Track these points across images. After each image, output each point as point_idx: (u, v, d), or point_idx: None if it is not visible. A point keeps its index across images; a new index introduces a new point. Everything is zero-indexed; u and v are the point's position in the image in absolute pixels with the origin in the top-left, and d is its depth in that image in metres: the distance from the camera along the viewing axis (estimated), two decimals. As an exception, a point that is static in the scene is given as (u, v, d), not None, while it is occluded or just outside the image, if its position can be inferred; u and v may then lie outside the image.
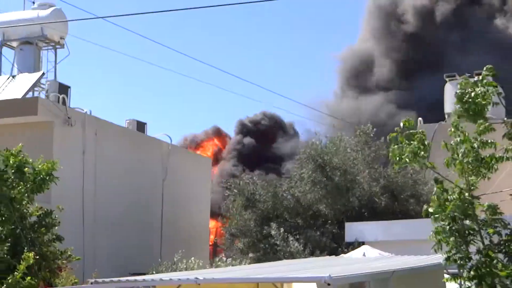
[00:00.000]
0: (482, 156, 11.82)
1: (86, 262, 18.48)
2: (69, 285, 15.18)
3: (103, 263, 20.14)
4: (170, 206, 24.95)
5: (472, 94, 12.02)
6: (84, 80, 67.97)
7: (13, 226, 14.92)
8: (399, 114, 41.32)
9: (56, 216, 15.73)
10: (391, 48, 58.53)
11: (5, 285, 13.43)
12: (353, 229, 20.29)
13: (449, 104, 24.51)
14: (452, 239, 11.94)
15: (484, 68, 12.42)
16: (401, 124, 12.02)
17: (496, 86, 12.92)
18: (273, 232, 21.12)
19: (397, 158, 12.24)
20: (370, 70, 58.53)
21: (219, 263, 21.93)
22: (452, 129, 11.80)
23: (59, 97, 22.13)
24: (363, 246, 18.60)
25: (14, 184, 15.36)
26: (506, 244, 11.94)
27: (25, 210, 15.49)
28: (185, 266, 19.38)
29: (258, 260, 20.73)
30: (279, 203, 22.75)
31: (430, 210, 11.82)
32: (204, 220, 28.65)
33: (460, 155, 11.74)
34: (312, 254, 20.18)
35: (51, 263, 15.42)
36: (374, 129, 23.84)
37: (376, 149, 22.53)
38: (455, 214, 11.96)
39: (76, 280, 16.12)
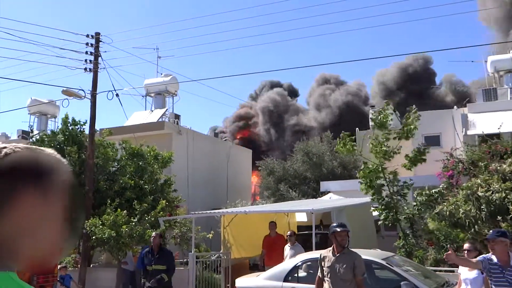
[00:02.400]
0: (386, 148, 14.21)
1: (188, 203, 20.32)
2: (182, 215, 17.07)
3: (197, 204, 21.91)
4: (231, 175, 28.20)
5: (379, 117, 14.43)
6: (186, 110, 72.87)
7: (152, 185, 17.51)
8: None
9: (173, 180, 18.50)
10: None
11: (151, 216, 14.84)
12: (324, 185, 22.38)
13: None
14: (371, 190, 14.60)
15: (385, 102, 15.48)
16: (342, 133, 14.91)
17: (393, 112, 15.31)
18: (282, 188, 24.14)
19: (341, 150, 14.87)
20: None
21: (256, 203, 25.23)
22: (373, 135, 14.56)
23: (175, 120, 27.10)
24: (329, 193, 20.49)
25: (152, 163, 18.12)
26: (400, 191, 14.15)
27: (157, 177, 17.95)
28: (239, 205, 21.93)
29: (275, 201, 23.14)
30: (286, 173, 25.74)
31: (360, 174, 14.49)
32: (248, 181, 31.59)
33: (375, 147, 14.24)
34: (303, 197, 22.91)
35: (172, 203, 17.70)
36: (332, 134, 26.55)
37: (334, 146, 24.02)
38: (372, 177, 14.23)
39: (184, 211, 18.12)
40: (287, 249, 11.87)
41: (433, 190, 13.85)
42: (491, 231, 6.15)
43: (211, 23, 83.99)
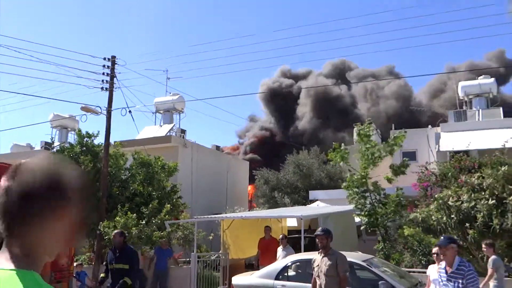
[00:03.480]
0: (374, 152, 14.32)
1: (192, 208, 20.60)
2: (185, 218, 17.15)
3: (199, 209, 21.86)
4: (230, 183, 27.78)
5: (363, 129, 14.84)
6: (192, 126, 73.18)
7: (160, 192, 17.47)
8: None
9: (179, 187, 18.63)
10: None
11: (157, 219, 15.20)
12: (312, 194, 22.13)
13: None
14: (356, 197, 14.72)
15: (367, 119, 15.74)
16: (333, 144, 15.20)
17: (375, 130, 15.24)
18: (276, 195, 24.37)
19: (334, 160, 15.03)
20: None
21: (253, 210, 24.96)
22: (359, 147, 14.79)
23: (181, 135, 27.39)
24: (317, 201, 20.46)
25: (159, 172, 18.19)
26: (382, 200, 14.31)
27: (164, 184, 18.05)
28: (237, 211, 21.76)
29: (270, 208, 23.22)
30: (279, 182, 25.72)
31: (344, 184, 14.78)
32: (245, 189, 31.02)
33: (361, 157, 14.50)
34: (294, 205, 23.09)
35: (177, 208, 17.85)
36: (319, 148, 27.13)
37: (323, 157, 25.46)
38: (358, 186, 14.39)
39: (188, 215, 18.34)
40: (279, 250, 11.86)
41: (398, 195, 14.03)
42: (441, 238, 6.02)
43: (216, 48, 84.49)
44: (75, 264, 12.78)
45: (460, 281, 5.54)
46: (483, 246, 9.19)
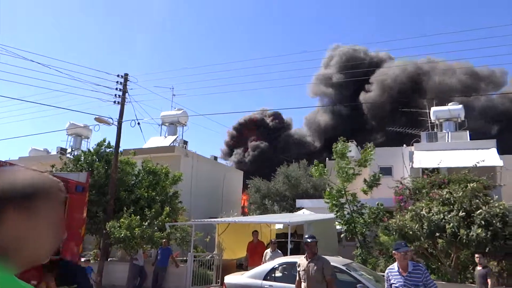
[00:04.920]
0: (349, 171, 14.49)
1: (191, 212, 20.68)
2: (183, 221, 16.91)
3: (198, 212, 21.96)
4: (225, 190, 27.50)
5: (339, 148, 14.98)
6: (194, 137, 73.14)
7: (163, 197, 17.37)
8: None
9: (180, 193, 18.54)
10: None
11: (159, 221, 14.86)
12: (299, 202, 21.88)
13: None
14: (335, 208, 14.71)
15: (344, 139, 15.96)
16: (315, 162, 15.22)
17: (356, 146, 15.31)
18: (266, 202, 24.31)
19: (314, 174, 15.27)
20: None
21: (245, 215, 25.48)
22: (336, 164, 15.01)
23: (183, 145, 26.99)
24: (303, 209, 20.21)
25: (164, 179, 18.07)
26: (359, 210, 14.70)
27: (167, 190, 17.97)
28: (232, 215, 21.16)
29: (261, 213, 23.19)
30: (269, 191, 25.55)
31: (326, 195, 15.10)
32: (239, 196, 30.32)
33: (339, 173, 14.67)
34: (282, 211, 23.06)
35: (177, 211, 17.74)
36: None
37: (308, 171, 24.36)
38: (337, 198, 14.77)
39: (186, 219, 17.92)
40: (268, 253, 11.58)
41: (378, 208, 13.99)
42: (396, 244, 5.69)
43: (219, 69, 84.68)
44: (82, 259, 12.42)
45: (421, 282, 5.30)
46: (477, 256, 8.90)
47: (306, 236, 6.91)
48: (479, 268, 8.67)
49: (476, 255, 8.92)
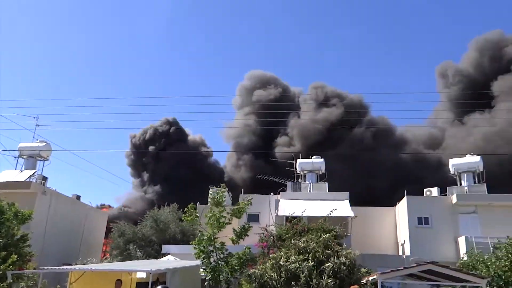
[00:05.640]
0: (221, 220, 14.33)
1: (42, 257, 19.22)
2: (32, 269, 15.27)
3: (52, 258, 20.84)
4: (86, 233, 26.02)
5: (216, 196, 14.89)
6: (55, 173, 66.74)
7: (8, 240, 15.38)
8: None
9: (30, 236, 16.54)
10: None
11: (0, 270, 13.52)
12: (165, 248, 21.56)
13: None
14: (202, 255, 14.34)
15: (222, 185, 15.79)
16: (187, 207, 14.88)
17: (228, 192, 15.30)
18: (131, 248, 22.55)
19: (187, 219, 14.86)
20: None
21: (104, 261, 23.03)
22: (210, 210, 14.79)
23: (42, 182, 24.83)
24: (168, 255, 19.63)
25: (11, 219, 16.11)
26: (225, 258, 14.35)
27: (14, 232, 15.88)
28: (89, 262, 20.20)
29: (123, 260, 21.83)
30: (135, 235, 23.91)
31: (193, 242, 14.61)
32: (101, 240, 28.62)
33: (210, 220, 14.45)
34: (147, 257, 21.67)
35: (24, 258, 15.72)
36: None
37: (180, 214, 24.13)
38: (205, 244, 14.19)
39: (36, 265, 16.24)
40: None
41: (242, 255, 14.09)
42: None
43: (87, 104, 79.81)
44: None
45: None
46: None
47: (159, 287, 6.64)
48: None
49: None
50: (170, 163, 47.10)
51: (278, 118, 44.63)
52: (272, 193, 26.16)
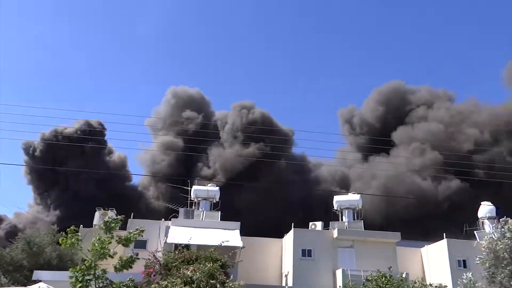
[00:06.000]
0: (106, 251, 12.27)
1: None
2: None
3: None
4: None
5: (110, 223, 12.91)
6: None
7: None
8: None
9: None
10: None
11: None
12: (37, 274, 18.86)
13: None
14: (79, 284, 12.85)
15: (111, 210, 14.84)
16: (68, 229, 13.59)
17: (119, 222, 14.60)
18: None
19: (65, 243, 12.53)
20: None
21: None
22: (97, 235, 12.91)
23: None
24: (40, 282, 17.14)
25: None
26: (106, 287, 12.24)
27: None
28: None
29: None
30: (2, 259, 20.91)
31: (71, 269, 12.27)
32: None
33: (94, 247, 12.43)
34: (13, 284, 19.33)
35: None
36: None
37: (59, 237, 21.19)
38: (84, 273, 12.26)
39: None
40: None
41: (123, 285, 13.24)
42: None
43: None
44: None
45: None
46: None
47: None
48: None
49: None
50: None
51: (199, 145, 43.94)
52: (163, 219, 25.52)
